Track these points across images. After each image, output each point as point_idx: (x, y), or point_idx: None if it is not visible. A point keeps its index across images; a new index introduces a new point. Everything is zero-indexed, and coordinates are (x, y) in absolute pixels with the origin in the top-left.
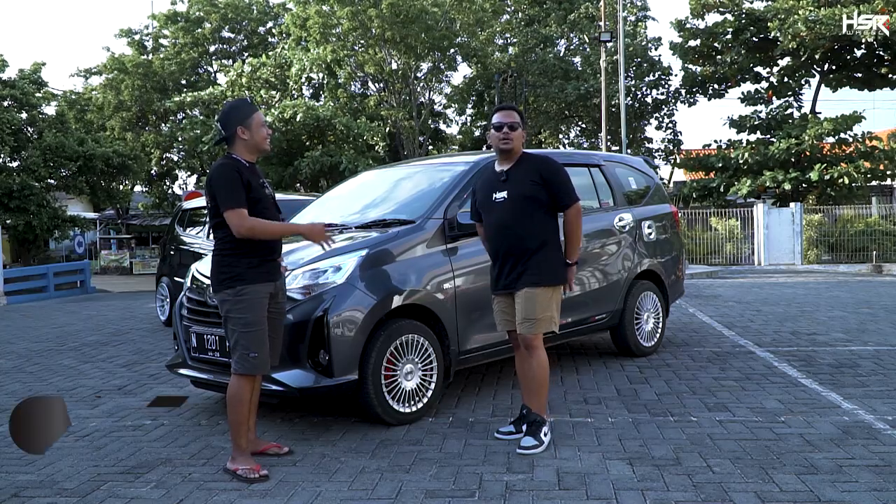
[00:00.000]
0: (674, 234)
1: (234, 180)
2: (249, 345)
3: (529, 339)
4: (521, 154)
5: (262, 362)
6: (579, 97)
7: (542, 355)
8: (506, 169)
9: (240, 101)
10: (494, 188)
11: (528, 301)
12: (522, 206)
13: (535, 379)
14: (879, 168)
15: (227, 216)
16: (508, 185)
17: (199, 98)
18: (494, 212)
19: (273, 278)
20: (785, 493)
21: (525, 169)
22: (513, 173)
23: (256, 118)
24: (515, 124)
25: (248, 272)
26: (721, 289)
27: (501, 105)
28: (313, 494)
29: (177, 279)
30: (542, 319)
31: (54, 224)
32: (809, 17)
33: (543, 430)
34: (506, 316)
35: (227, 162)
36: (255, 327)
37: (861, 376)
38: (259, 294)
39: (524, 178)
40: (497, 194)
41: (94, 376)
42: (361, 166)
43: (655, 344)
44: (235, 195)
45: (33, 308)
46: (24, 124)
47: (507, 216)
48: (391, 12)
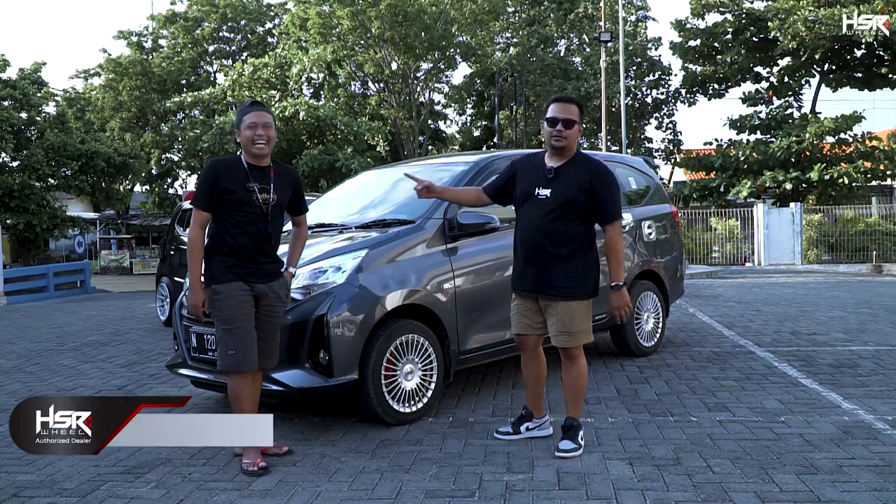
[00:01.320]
0: (674, 234)
1: (204, 181)
2: (227, 342)
3: (570, 351)
4: (575, 153)
5: (242, 360)
6: (579, 97)
7: (582, 363)
8: (556, 166)
9: (244, 104)
10: (539, 182)
11: (565, 314)
12: (564, 209)
13: (575, 387)
14: (879, 168)
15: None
16: (555, 184)
17: (199, 98)
18: (534, 208)
19: (250, 280)
20: (785, 493)
21: (576, 171)
22: (562, 172)
23: (245, 120)
24: (571, 121)
25: (220, 271)
26: (721, 289)
27: (559, 96)
28: (313, 494)
29: (177, 279)
30: (580, 332)
31: (54, 224)
32: (809, 18)
33: (581, 433)
34: (525, 318)
35: (215, 161)
36: (231, 325)
37: (861, 376)
38: (231, 292)
39: (573, 180)
40: (541, 190)
41: (94, 376)
42: (362, 166)
43: (655, 344)
44: (199, 196)
45: (33, 308)
46: (24, 124)
47: (547, 216)
48: (390, 12)
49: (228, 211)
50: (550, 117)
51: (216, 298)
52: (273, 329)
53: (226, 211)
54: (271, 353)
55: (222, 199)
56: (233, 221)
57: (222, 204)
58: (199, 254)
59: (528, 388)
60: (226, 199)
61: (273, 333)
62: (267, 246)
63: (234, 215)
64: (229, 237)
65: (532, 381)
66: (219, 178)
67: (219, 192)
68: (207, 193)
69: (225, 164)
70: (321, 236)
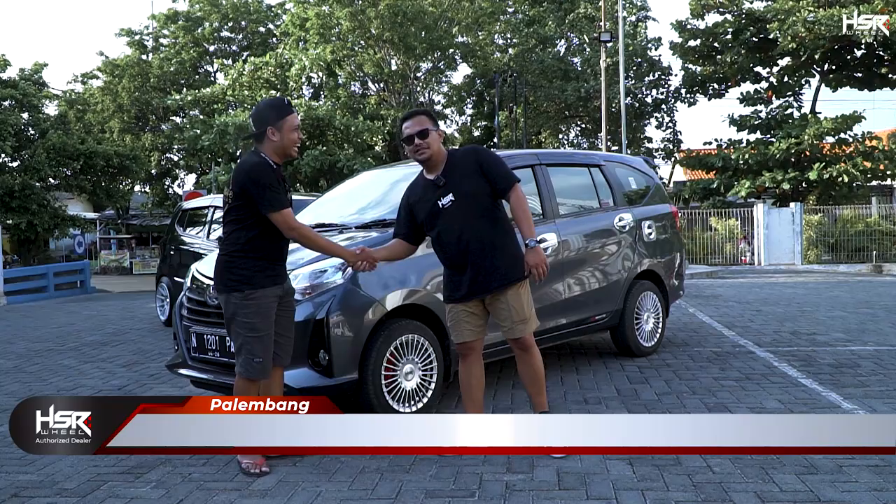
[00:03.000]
0: (674, 234)
1: (274, 181)
2: (254, 350)
3: (527, 340)
4: (447, 155)
5: (266, 369)
6: (579, 98)
7: (537, 351)
8: (440, 173)
9: (277, 101)
10: (436, 195)
11: (515, 301)
12: (474, 204)
13: (538, 374)
14: (879, 168)
15: (275, 218)
16: (451, 188)
17: (199, 97)
18: (445, 218)
19: (281, 281)
20: (785, 493)
21: (461, 165)
22: (450, 174)
23: (290, 121)
24: (424, 131)
25: (257, 276)
26: (721, 289)
27: (404, 114)
28: (313, 494)
29: (177, 279)
30: (532, 316)
31: (55, 223)
32: (809, 18)
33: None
34: (470, 325)
35: (263, 161)
36: (262, 332)
37: (861, 376)
38: (267, 298)
39: (464, 174)
40: (442, 200)
41: (94, 376)
42: (362, 166)
43: (655, 344)
44: (280, 197)
45: (33, 308)
46: (25, 124)
47: (460, 219)
48: (390, 12)
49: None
50: (404, 137)
51: (250, 304)
52: (292, 323)
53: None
54: (289, 352)
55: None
56: (270, 224)
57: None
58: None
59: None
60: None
61: (292, 328)
62: (288, 244)
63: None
64: (268, 241)
65: (477, 388)
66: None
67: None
68: (283, 190)
69: (270, 165)
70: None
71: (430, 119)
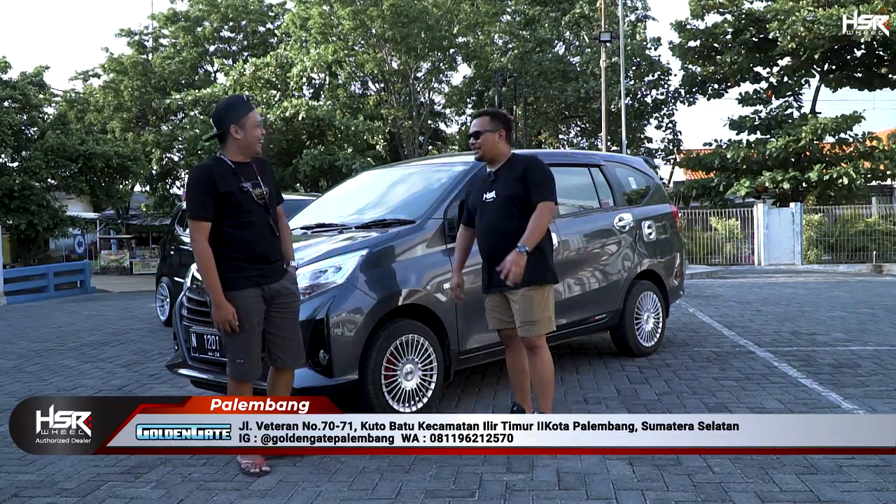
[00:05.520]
0: (674, 234)
1: (197, 189)
2: (236, 351)
3: (533, 341)
4: (510, 156)
5: (250, 370)
6: (579, 98)
7: (546, 355)
8: (494, 170)
9: (236, 99)
10: (485, 189)
11: (524, 303)
12: (509, 206)
13: (542, 378)
14: (879, 168)
15: (190, 224)
16: (497, 186)
17: (199, 97)
18: (485, 212)
19: (262, 283)
20: (785, 493)
21: (513, 168)
22: (501, 174)
23: (251, 118)
24: (479, 132)
25: (231, 276)
26: (721, 289)
27: (476, 112)
28: (313, 494)
29: (177, 279)
30: (542, 320)
31: (55, 223)
32: (809, 18)
33: None
34: (497, 314)
35: (203, 167)
36: (241, 333)
37: (861, 376)
38: (246, 300)
39: (510, 178)
40: (487, 195)
41: (94, 376)
42: (363, 166)
43: (655, 344)
44: (199, 206)
45: (33, 308)
46: (24, 125)
47: (495, 216)
48: (392, 12)
49: (231, 214)
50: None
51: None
52: (294, 325)
53: (228, 215)
54: (298, 350)
55: (221, 204)
56: (238, 223)
57: (222, 209)
58: (214, 267)
59: (515, 384)
60: (226, 202)
61: (295, 329)
62: (275, 242)
63: (239, 217)
64: (238, 240)
65: (518, 376)
66: (215, 182)
67: (218, 198)
68: (207, 201)
69: (214, 168)
70: (321, 236)
71: (491, 121)
